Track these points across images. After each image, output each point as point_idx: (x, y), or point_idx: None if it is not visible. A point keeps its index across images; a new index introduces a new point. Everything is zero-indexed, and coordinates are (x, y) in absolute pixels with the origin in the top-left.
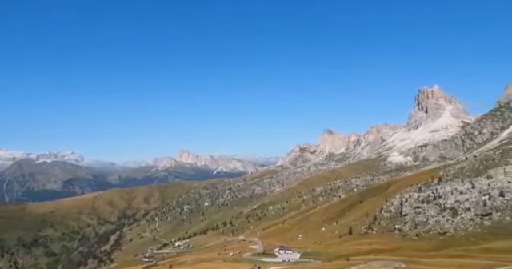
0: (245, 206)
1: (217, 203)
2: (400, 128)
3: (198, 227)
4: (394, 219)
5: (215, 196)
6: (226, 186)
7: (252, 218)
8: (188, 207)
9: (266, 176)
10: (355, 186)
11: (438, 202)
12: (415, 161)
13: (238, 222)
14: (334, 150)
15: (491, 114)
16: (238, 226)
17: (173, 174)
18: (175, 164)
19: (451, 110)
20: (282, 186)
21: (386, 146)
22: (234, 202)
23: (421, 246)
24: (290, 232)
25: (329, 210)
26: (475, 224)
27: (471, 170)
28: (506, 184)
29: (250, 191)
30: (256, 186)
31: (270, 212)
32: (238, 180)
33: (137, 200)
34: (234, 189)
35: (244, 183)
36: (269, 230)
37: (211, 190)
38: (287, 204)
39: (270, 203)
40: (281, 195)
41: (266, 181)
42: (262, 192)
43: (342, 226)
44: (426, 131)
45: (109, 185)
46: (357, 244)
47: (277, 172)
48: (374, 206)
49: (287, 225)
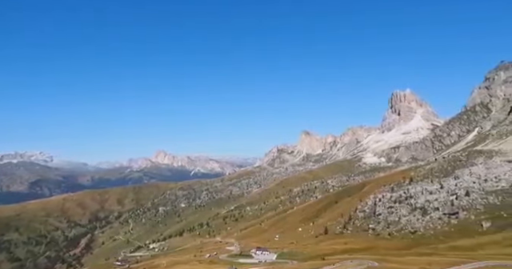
0: (222, 207)
1: (193, 205)
2: (374, 130)
3: (174, 229)
4: (368, 219)
5: (192, 197)
6: (203, 187)
7: (229, 219)
8: (163, 209)
9: (244, 177)
10: (331, 186)
11: (410, 202)
12: (388, 162)
13: (215, 223)
14: (311, 151)
15: (459, 118)
16: (215, 228)
17: (148, 175)
18: (151, 165)
19: (422, 113)
20: (260, 187)
21: (361, 147)
22: (211, 203)
23: (393, 245)
24: (267, 233)
25: (305, 210)
26: (443, 223)
27: (440, 171)
28: (471, 184)
29: (228, 192)
30: (233, 187)
31: (248, 213)
32: (216, 181)
33: (110, 202)
34: (212, 190)
35: (221, 184)
36: (246, 231)
37: (188, 192)
38: (265, 205)
39: (247, 204)
40: (258, 196)
41: (243, 182)
42: (240, 193)
43: (318, 227)
44: (399, 133)
45: (80, 186)
46: (332, 244)
47: (254, 173)
48: (349, 206)
49: (264, 226)
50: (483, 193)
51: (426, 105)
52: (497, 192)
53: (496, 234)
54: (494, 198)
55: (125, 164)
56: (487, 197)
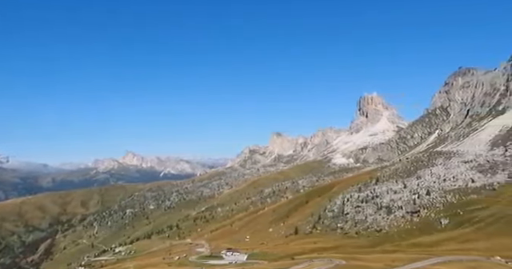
0: (192, 208)
1: (163, 206)
2: (344, 131)
3: (142, 232)
4: (336, 218)
5: (161, 199)
6: (173, 188)
7: (200, 220)
8: (131, 211)
9: (215, 178)
10: (302, 187)
11: (376, 201)
12: (356, 163)
13: (185, 225)
14: (282, 151)
15: (421, 120)
16: (185, 230)
17: (115, 177)
18: (118, 166)
19: (388, 116)
20: (231, 188)
21: (330, 148)
22: (182, 204)
23: (360, 244)
24: (238, 234)
25: (276, 211)
26: (406, 221)
27: (404, 171)
28: (432, 184)
29: (198, 193)
30: (204, 188)
31: (219, 214)
32: (186, 182)
33: (73, 204)
34: (182, 191)
35: (192, 185)
36: (217, 233)
37: (157, 193)
38: (236, 206)
39: (218, 205)
40: (229, 197)
41: (214, 183)
42: (211, 194)
43: (288, 227)
44: (366, 135)
45: (40, 188)
46: (302, 243)
47: (226, 174)
48: (318, 206)
49: (235, 227)
50: (442, 192)
51: (392, 108)
52: (454, 191)
53: (453, 230)
54: (451, 196)
55: (90, 165)
56: (446, 196)
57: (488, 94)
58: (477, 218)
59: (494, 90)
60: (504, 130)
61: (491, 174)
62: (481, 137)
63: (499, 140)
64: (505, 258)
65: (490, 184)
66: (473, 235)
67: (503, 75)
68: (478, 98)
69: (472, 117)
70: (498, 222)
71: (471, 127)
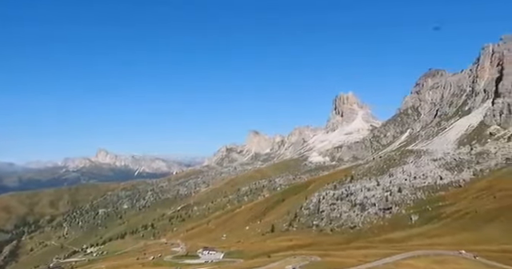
0: (168, 207)
1: (137, 206)
2: (320, 130)
3: (115, 232)
4: (312, 216)
5: (136, 198)
6: (148, 187)
7: (175, 219)
8: (104, 211)
9: (192, 176)
10: (279, 185)
11: (350, 198)
12: (332, 161)
13: (161, 224)
14: (259, 150)
15: (394, 120)
16: (160, 229)
17: (87, 176)
18: (90, 164)
19: (362, 115)
20: (208, 187)
21: (307, 147)
22: (157, 203)
23: (334, 240)
24: (214, 232)
25: (253, 209)
26: (378, 217)
27: (377, 169)
28: (403, 181)
29: (175, 192)
30: (181, 187)
31: (195, 213)
32: (162, 181)
33: (41, 205)
34: (157, 190)
35: (168, 184)
36: (193, 232)
37: (131, 192)
38: (212, 204)
39: (194, 204)
40: (206, 196)
41: (191, 181)
42: (187, 193)
43: (265, 225)
44: (342, 134)
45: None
46: (278, 241)
47: (203, 172)
48: (295, 204)
49: (212, 225)
50: (413, 189)
51: (366, 107)
52: (424, 188)
53: (422, 226)
54: (421, 193)
55: (59, 164)
56: (416, 193)
57: (455, 95)
58: (444, 214)
59: (460, 91)
60: (470, 130)
61: (458, 171)
62: (448, 136)
63: (465, 139)
64: (469, 252)
65: (457, 181)
66: (440, 231)
67: (469, 77)
68: (446, 98)
69: (441, 117)
70: (463, 217)
71: (440, 127)
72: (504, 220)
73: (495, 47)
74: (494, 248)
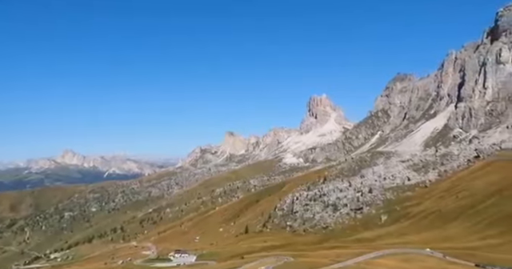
0: (139, 209)
1: (106, 208)
2: (294, 132)
3: (82, 236)
4: (286, 217)
5: (105, 200)
6: (118, 189)
7: (147, 222)
8: (70, 214)
9: (165, 178)
10: (253, 186)
11: (323, 199)
12: (306, 162)
13: (131, 227)
14: (234, 151)
15: (365, 122)
16: (131, 232)
17: (52, 178)
18: (55, 166)
19: (335, 117)
20: (181, 188)
21: (281, 148)
22: (127, 206)
23: (307, 241)
24: (187, 235)
25: (227, 210)
26: (350, 218)
27: (349, 170)
28: (373, 182)
29: (146, 194)
30: (153, 189)
31: (167, 215)
32: (133, 182)
33: (1, 208)
34: (128, 192)
35: (139, 186)
36: (165, 234)
37: (100, 194)
38: (186, 206)
39: (167, 206)
40: (179, 197)
41: (164, 183)
42: (160, 194)
43: (239, 226)
44: (316, 135)
45: None
46: (252, 242)
47: (176, 173)
48: (269, 205)
49: (185, 227)
50: (382, 190)
51: (339, 109)
52: (393, 188)
53: (391, 226)
54: (390, 194)
55: (22, 165)
56: (385, 193)
57: (422, 99)
58: (411, 214)
59: (427, 95)
60: (435, 132)
61: (424, 172)
62: (416, 138)
63: (431, 141)
64: (434, 249)
65: (423, 182)
66: (407, 229)
67: (434, 82)
68: (413, 102)
69: (409, 119)
70: (428, 216)
71: (408, 129)
72: (465, 218)
73: (458, 54)
74: (457, 245)
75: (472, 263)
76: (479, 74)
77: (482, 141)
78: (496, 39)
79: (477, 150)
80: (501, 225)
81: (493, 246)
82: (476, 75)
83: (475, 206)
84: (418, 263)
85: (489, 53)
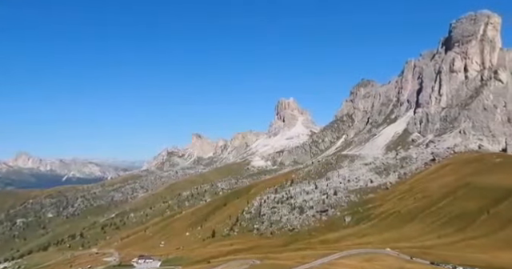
0: (101, 215)
1: (64, 214)
2: (262, 135)
3: (36, 243)
4: (253, 220)
5: (63, 206)
6: (78, 193)
7: (109, 227)
8: (23, 221)
9: (129, 181)
10: (221, 189)
11: (290, 202)
12: (274, 165)
13: (91, 233)
14: (202, 154)
15: (331, 126)
16: (91, 238)
17: (3, 182)
18: (7, 169)
19: (302, 121)
20: (147, 192)
21: (250, 151)
22: (88, 211)
23: (274, 243)
24: (152, 240)
25: (194, 214)
26: (316, 220)
27: (315, 173)
28: (338, 184)
29: (109, 198)
30: (116, 193)
31: (131, 220)
32: (95, 186)
33: None
34: (89, 196)
35: (102, 190)
36: (128, 240)
37: (58, 199)
38: (151, 210)
39: (131, 210)
40: (144, 201)
41: (128, 187)
42: (123, 199)
43: (206, 230)
44: (283, 138)
45: None
46: (219, 246)
47: (141, 177)
48: (236, 208)
49: (149, 232)
50: (347, 192)
51: (306, 113)
52: (356, 191)
53: (354, 227)
54: (354, 196)
55: None
56: (349, 195)
57: (384, 104)
58: (373, 215)
59: (388, 100)
60: (396, 136)
61: (385, 175)
62: (378, 142)
63: (392, 145)
64: (394, 248)
65: (384, 184)
66: (369, 230)
67: (395, 88)
68: (376, 107)
69: (371, 124)
70: (388, 217)
71: (371, 133)
72: (422, 219)
73: (416, 62)
74: (414, 244)
75: (428, 261)
76: (435, 82)
77: (437, 145)
78: (450, 49)
79: (433, 153)
80: (454, 224)
81: (447, 245)
82: (432, 82)
83: (431, 207)
84: (379, 263)
85: (443, 62)
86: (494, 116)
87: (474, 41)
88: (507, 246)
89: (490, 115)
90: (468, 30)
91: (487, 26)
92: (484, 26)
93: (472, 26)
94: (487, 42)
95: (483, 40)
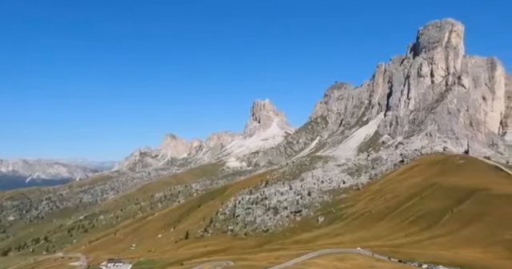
0: (68, 217)
1: (28, 217)
2: (238, 136)
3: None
4: (227, 221)
5: (26, 208)
6: (43, 195)
7: (76, 230)
8: None
9: (99, 183)
10: (195, 190)
11: (264, 203)
12: (249, 166)
13: (57, 237)
14: (176, 154)
15: (305, 127)
16: (56, 242)
17: None
18: None
19: (278, 122)
20: (118, 193)
21: (225, 152)
22: (54, 214)
23: (248, 244)
24: (122, 242)
25: (167, 215)
26: (290, 220)
27: (290, 174)
28: (312, 185)
29: (77, 200)
30: (85, 195)
31: (101, 222)
32: (62, 188)
33: None
34: (55, 198)
35: (69, 191)
36: (97, 243)
37: (21, 202)
38: (122, 212)
39: (100, 213)
40: (115, 203)
41: (98, 188)
42: (92, 201)
43: (179, 232)
44: (259, 139)
45: None
46: (192, 248)
47: (112, 178)
48: (211, 209)
49: (120, 235)
50: (320, 192)
51: (282, 114)
52: (329, 191)
53: (327, 227)
54: (327, 196)
55: None
56: (323, 196)
57: (356, 107)
58: (345, 215)
59: (360, 103)
60: (367, 138)
61: (357, 175)
62: (350, 143)
63: (363, 146)
64: (365, 248)
65: (356, 184)
66: (342, 230)
67: (367, 91)
68: (349, 109)
69: (345, 126)
70: (359, 217)
71: (344, 135)
72: (391, 218)
73: (386, 66)
74: (384, 243)
75: (396, 259)
76: (404, 86)
77: (406, 146)
78: (417, 54)
79: (402, 155)
80: (420, 223)
81: (414, 243)
82: (401, 86)
83: (400, 207)
84: (350, 262)
85: (412, 66)
86: (458, 119)
87: (440, 47)
88: (468, 244)
89: (454, 119)
90: (434, 37)
91: (451, 34)
92: (448, 33)
93: (437, 33)
94: (451, 49)
95: (448, 47)
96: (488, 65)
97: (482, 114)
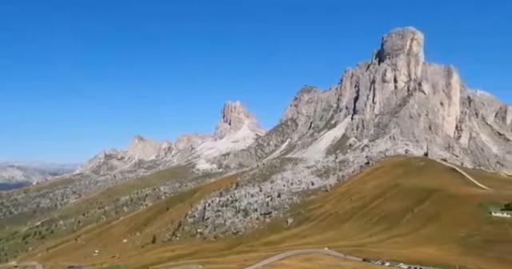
0: (23, 223)
1: None
2: (208, 137)
3: None
4: (196, 224)
5: None
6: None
7: (32, 237)
8: None
9: (59, 186)
10: (163, 193)
11: (235, 205)
12: (219, 168)
13: (10, 244)
14: (144, 157)
15: (276, 130)
16: (9, 250)
17: None
18: None
19: (248, 124)
20: (80, 197)
21: (195, 154)
22: (7, 220)
23: (217, 247)
24: (84, 248)
25: (133, 220)
26: (259, 222)
27: (260, 176)
28: (282, 187)
29: (34, 205)
30: (43, 199)
31: (60, 228)
32: (16, 192)
33: None
34: (8, 204)
35: (25, 196)
36: (56, 250)
37: None
38: (84, 217)
39: (60, 218)
40: (76, 208)
41: (57, 192)
42: (51, 205)
43: (145, 236)
44: (229, 141)
45: None
46: (160, 252)
47: (74, 181)
48: (179, 212)
49: (82, 240)
50: (290, 194)
51: (252, 116)
52: (299, 193)
53: (296, 228)
54: (296, 198)
55: None
56: (292, 197)
57: (325, 110)
58: (313, 216)
59: (329, 106)
60: (335, 141)
61: (325, 177)
62: (319, 146)
63: (331, 149)
64: (332, 248)
65: (324, 186)
66: (310, 231)
67: (335, 95)
68: (318, 112)
69: (314, 128)
70: (327, 218)
71: (313, 137)
72: (357, 219)
73: (354, 71)
74: (350, 243)
75: (360, 258)
76: (370, 90)
77: (371, 149)
78: (382, 60)
79: (367, 157)
80: (384, 223)
81: (378, 242)
82: (367, 91)
83: (364, 207)
84: (317, 262)
85: (377, 72)
86: (418, 123)
87: (402, 54)
88: (427, 242)
89: (415, 123)
90: (397, 44)
91: (413, 42)
92: (410, 41)
93: (400, 41)
94: (412, 56)
95: (409, 54)
96: (445, 72)
97: (440, 118)
